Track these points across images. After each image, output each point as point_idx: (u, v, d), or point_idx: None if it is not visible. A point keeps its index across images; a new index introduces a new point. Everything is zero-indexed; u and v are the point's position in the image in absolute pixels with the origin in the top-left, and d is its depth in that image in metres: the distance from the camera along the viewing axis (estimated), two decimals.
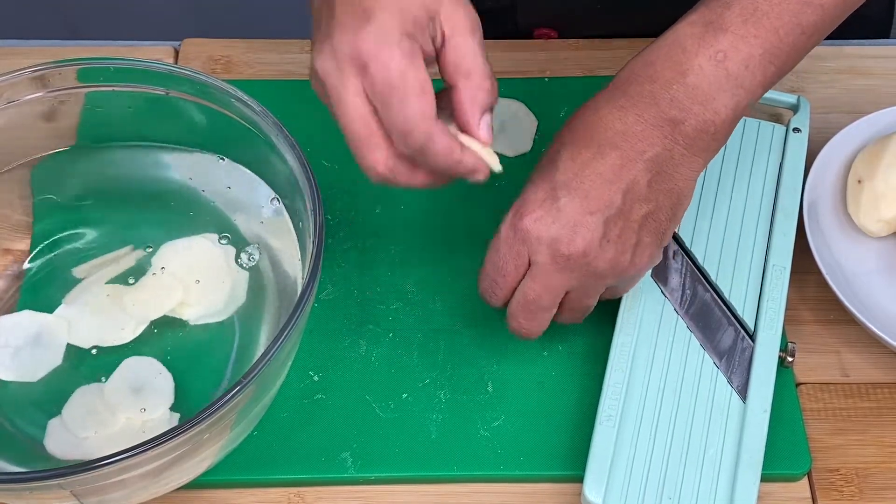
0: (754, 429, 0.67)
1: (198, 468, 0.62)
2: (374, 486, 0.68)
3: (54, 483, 0.55)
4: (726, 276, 0.73)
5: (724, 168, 0.77)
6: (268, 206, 0.70)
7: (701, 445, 0.67)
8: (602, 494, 0.65)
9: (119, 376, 0.67)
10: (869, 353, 0.74)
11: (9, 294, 0.70)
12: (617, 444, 0.66)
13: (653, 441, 0.67)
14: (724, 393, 0.68)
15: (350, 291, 0.75)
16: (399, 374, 0.72)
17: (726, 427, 0.67)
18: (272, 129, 0.66)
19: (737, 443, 0.66)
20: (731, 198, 0.76)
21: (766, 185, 0.76)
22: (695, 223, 0.75)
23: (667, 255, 0.72)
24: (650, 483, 0.65)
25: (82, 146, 0.72)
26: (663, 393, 0.68)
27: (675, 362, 0.69)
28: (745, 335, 0.70)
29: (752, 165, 0.77)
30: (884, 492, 0.68)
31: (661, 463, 0.66)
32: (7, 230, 0.72)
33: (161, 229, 0.72)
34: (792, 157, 0.77)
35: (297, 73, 0.87)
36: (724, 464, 0.66)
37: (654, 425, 0.67)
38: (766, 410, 0.67)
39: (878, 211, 0.75)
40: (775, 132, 0.78)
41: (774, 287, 0.72)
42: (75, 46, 0.87)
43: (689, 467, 0.66)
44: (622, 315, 0.71)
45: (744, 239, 0.74)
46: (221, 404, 0.56)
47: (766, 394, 0.68)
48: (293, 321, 0.59)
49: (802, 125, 0.79)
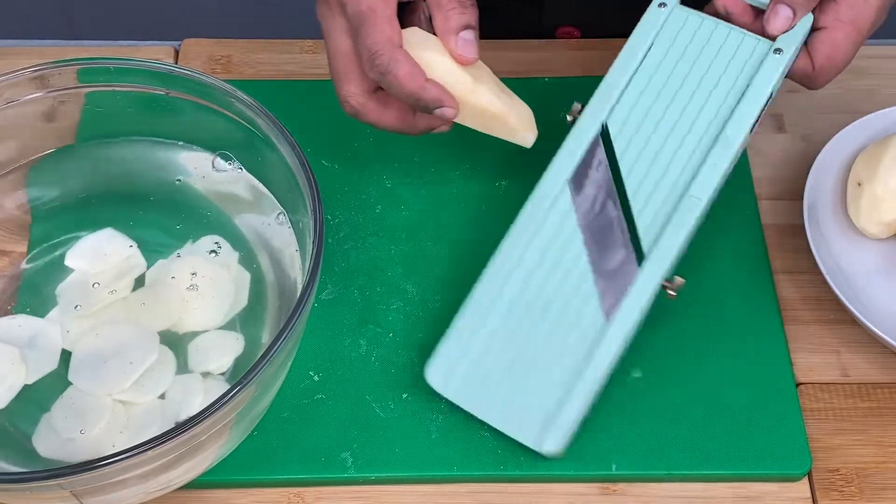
0: (604, 349, 0.66)
1: (198, 468, 0.62)
2: (375, 486, 0.68)
3: (54, 483, 0.55)
4: (643, 196, 0.68)
5: (691, 73, 0.71)
6: (268, 206, 0.70)
7: (552, 357, 0.67)
8: (442, 379, 0.67)
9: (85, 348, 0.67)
10: (869, 353, 0.74)
11: (6, 295, 0.70)
12: (474, 335, 0.67)
13: (510, 340, 0.67)
14: (592, 311, 0.67)
15: (350, 291, 0.75)
16: (399, 374, 0.72)
17: (581, 344, 0.67)
18: (272, 129, 0.66)
19: (584, 359, 0.66)
20: (685, 110, 0.70)
21: (724, 106, 0.70)
22: (637, 129, 0.70)
23: (590, 164, 0.70)
24: (491, 377, 0.67)
25: (82, 146, 0.72)
26: (535, 299, 0.68)
27: (558, 273, 0.68)
28: (636, 260, 0.68)
29: (719, 81, 0.71)
30: (884, 492, 0.69)
31: (509, 363, 0.67)
32: (5, 231, 0.72)
33: (161, 230, 0.72)
34: (759, 82, 0.70)
35: (297, 73, 0.87)
36: (563, 378, 0.66)
37: (516, 326, 0.67)
38: (624, 332, 0.66)
39: (878, 214, 0.75)
40: (757, 49, 0.71)
41: (683, 218, 0.68)
42: (75, 46, 0.87)
43: (531, 375, 0.66)
44: (525, 212, 0.70)
45: (677, 160, 0.69)
46: (221, 404, 0.56)
47: (631, 318, 0.66)
48: (293, 321, 0.59)
49: (787, 46, 0.70)
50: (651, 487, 0.68)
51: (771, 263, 0.77)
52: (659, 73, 0.71)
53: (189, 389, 0.66)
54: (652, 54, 0.72)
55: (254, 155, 0.69)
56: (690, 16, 0.72)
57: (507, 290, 0.68)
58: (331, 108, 0.84)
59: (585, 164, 0.70)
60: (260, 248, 0.71)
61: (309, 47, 0.89)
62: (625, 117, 0.70)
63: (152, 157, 0.73)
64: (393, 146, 0.81)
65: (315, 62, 0.88)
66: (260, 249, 0.71)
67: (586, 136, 0.70)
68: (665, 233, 0.68)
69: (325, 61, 0.87)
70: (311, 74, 0.87)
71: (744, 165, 0.81)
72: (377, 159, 0.81)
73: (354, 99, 0.69)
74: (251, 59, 0.88)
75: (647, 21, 0.72)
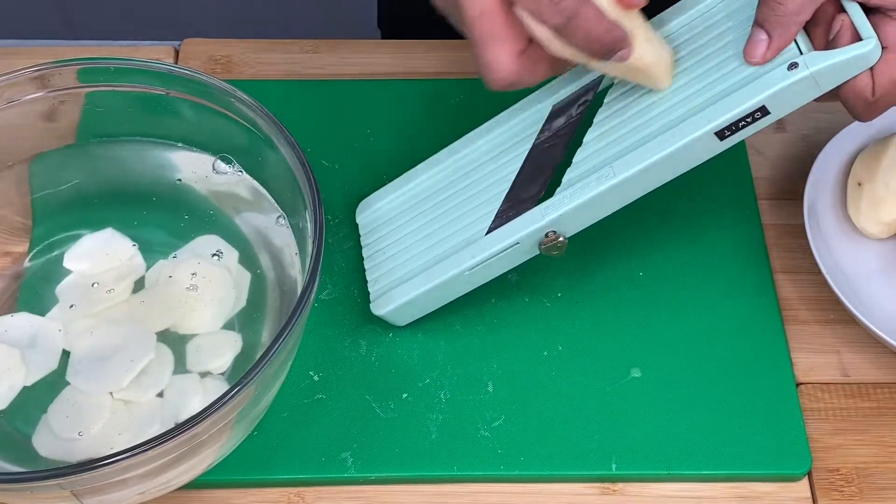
0: (464, 255, 0.68)
1: (198, 468, 0.62)
2: (375, 486, 0.68)
3: (54, 483, 0.55)
4: (590, 149, 0.67)
5: (711, 50, 0.65)
6: (268, 208, 0.70)
7: (433, 244, 0.70)
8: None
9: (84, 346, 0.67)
10: (869, 353, 0.74)
11: (7, 294, 0.70)
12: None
13: (420, 215, 0.72)
14: (480, 223, 0.69)
15: (350, 291, 0.75)
16: (399, 374, 0.72)
17: (456, 244, 0.69)
18: (272, 129, 0.66)
19: (449, 255, 0.69)
20: (682, 84, 0.65)
21: (708, 98, 0.64)
22: (633, 85, 0.67)
23: (577, 100, 0.69)
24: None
25: (82, 146, 0.72)
26: (451, 188, 0.71)
27: (485, 177, 0.70)
28: (539, 198, 0.67)
29: (728, 72, 0.64)
30: (884, 492, 0.69)
31: (411, 243, 0.71)
32: (6, 231, 0.72)
33: (161, 229, 0.72)
34: (750, 90, 0.62)
35: (298, 73, 0.87)
36: (425, 263, 0.70)
37: (429, 205, 0.72)
38: (486, 253, 0.67)
39: (878, 214, 0.75)
40: (786, 54, 0.63)
41: (590, 184, 0.65)
42: (75, 46, 0.87)
43: (414, 257, 0.70)
44: (502, 115, 0.72)
45: (636, 129, 0.65)
46: (221, 404, 0.56)
47: (497, 244, 0.67)
48: (293, 321, 0.59)
49: (808, 65, 0.62)
50: (651, 487, 0.68)
51: (771, 263, 0.77)
52: (691, 37, 0.67)
53: (188, 389, 0.66)
54: (700, 17, 0.67)
55: (254, 155, 0.69)
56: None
57: (438, 172, 0.72)
58: (331, 108, 0.84)
59: (575, 97, 0.70)
60: (260, 248, 0.71)
61: (309, 47, 0.89)
62: None
63: (152, 158, 0.72)
64: (393, 146, 0.81)
65: (315, 62, 0.88)
66: (260, 249, 0.71)
67: (592, 72, 0.69)
68: (572, 189, 0.66)
69: (325, 61, 0.87)
70: (311, 74, 0.87)
71: (744, 165, 0.81)
72: (377, 159, 0.81)
73: (505, 65, 0.61)
74: (251, 59, 0.88)
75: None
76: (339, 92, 0.85)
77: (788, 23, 0.61)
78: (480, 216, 0.70)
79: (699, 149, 0.63)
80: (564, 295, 0.74)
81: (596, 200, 0.65)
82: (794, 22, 0.61)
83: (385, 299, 0.71)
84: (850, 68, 0.61)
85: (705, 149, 0.63)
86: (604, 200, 0.65)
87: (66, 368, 0.66)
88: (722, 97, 0.63)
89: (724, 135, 0.63)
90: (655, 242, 0.70)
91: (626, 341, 0.73)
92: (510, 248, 0.67)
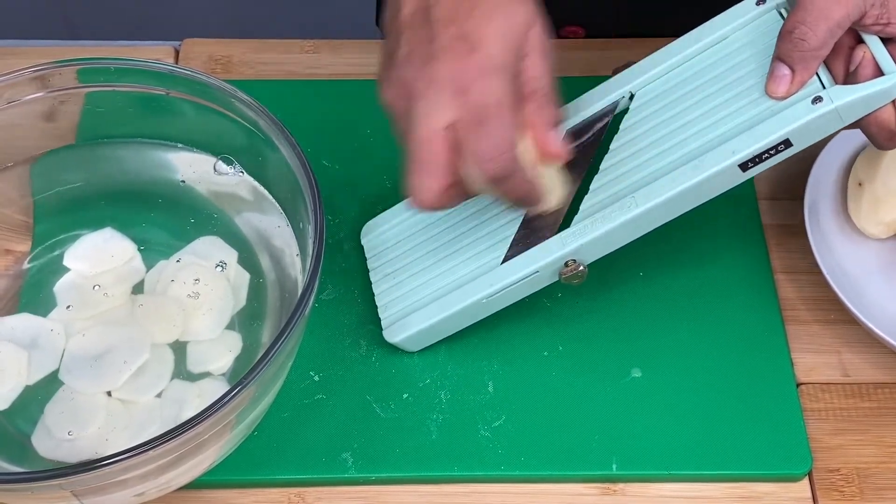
0: (481, 284, 0.68)
1: (198, 468, 0.62)
2: (375, 486, 0.68)
3: (54, 483, 0.55)
4: (608, 176, 0.67)
5: (733, 81, 0.65)
6: (269, 208, 0.70)
7: (447, 272, 0.70)
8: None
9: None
10: (869, 353, 0.74)
11: (9, 294, 0.70)
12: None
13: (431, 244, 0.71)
14: (496, 251, 0.69)
15: (350, 291, 0.75)
16: (399, 374, 0.72)
17: (470, 271, 0.69)
18: (272, 129, 0.66)
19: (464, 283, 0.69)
20: (703, 114, 0.65)
21: (731, 130, 0.64)
22: (654, 111, 0.67)
23: (593, 125, 0.69)
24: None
25: (82, 146, 0.72)
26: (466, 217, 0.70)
27: (488, 212, 0.70)
28: (557, 228, 0.67)
29: (749, 103, 0.64)
30: (884, 492, 0.69)
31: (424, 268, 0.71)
32: (7, 230, 0.72)
33: (162, 230, 0.72)
34: (773, 124, 0.63)
35: (298, 73, 0.87)
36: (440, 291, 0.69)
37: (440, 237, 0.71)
38: (504, 282, 0.67)
39: (878, 214, 0.75)
40: (810, 87, 0.63)
41: (613, 214, 0.65)
42: (75, 46, 0.88)
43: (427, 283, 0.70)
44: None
45: (656, 159, 0.66)
46: (222, 405, 0.56)
47: (516, 273, 0.67)
48: (294, 321, 0.59)
49: (832, 99, 0.62)
50: (651, 487, 0.68)
51: (771, 263, 0.77)
52: (710, 64, 0.67)
53: (188, 390, 0.66)
54: (718, 44, 0.67)
55: (254, 155, 0.69)
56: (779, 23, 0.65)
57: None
58: (331, 108, 0.84)
59: (590, 122, 0.70)
60: (261, 248, 0.71)
61: (309, 47, 0.89)
62: (652, 94, 0.68)
63: (152, 157, 0.72)
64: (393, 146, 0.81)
65: (315, 62, 0.88)
66: (261, 249, 0.71)
67: (609, 96, 0.70)
68: (593, 218, 0.66)
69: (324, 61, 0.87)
70: (311, 74, 0.87)
71: None
72: (377, 159, 0.81)
73: (433, 194, 0.61)
74: (251, 59, 0.88)
75: (734, 11, 0.68)
76: (339, 92, 0.85)
77: (811, 58, 0.62)
78: (495, 243, 0.69)
79: (722, 180, 0.64)
80: (564, 295, 0.74)
81: (618, 230, 0.66)
82: (816, 57, 0.62)
83: (399, 327, 0.70)
84: (873, 102, 0.62)
85: (728, 180, 0.65)
86: (626, 229, 0.66)
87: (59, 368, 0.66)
88: (745, 129, 0.63)
89: (747, 166, 0.64)
90: (655, 243, 0.70)
91: (627, 341, 0.73)
92: (529, 277, 0.67)
